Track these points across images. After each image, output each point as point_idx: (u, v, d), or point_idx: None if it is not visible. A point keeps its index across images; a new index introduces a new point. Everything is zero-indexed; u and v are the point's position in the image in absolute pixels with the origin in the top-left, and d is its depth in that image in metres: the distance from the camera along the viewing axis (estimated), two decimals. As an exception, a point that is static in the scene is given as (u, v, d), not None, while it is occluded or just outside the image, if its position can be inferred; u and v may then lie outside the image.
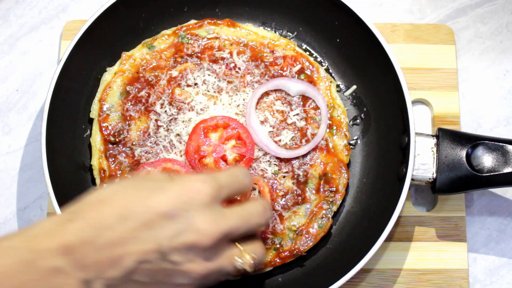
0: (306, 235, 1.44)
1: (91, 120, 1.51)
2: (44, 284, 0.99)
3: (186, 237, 1.03)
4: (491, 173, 1.38)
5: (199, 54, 1.53)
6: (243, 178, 1.16)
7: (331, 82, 1.54)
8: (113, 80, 1.51)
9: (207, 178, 1.08)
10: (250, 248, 1.14)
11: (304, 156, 1.47)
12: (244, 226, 1.11)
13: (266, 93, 1.51)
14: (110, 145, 1.47)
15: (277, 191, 1.46)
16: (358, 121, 1.56)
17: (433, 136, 1.43)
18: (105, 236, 1.01)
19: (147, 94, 1.50)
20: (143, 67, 1.52)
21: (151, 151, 1.47)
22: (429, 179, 1.41)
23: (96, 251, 1.00)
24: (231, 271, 1.12)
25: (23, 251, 0.99)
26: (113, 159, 1.47)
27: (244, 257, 1.12)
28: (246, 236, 1.14)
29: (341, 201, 1.48)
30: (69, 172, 1.47)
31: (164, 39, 1.54)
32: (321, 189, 1.46)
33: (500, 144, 1.39)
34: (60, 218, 1.04)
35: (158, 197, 1.04)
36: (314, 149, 1.48)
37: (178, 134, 1.48)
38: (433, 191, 1.42)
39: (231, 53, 1.53)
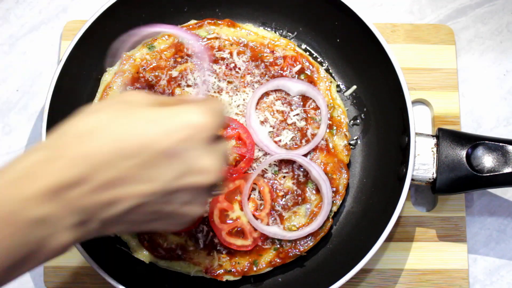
0: (306, 235, 1.44)
1: (91, 120, 1.51)
2: (31, 235, 0.86)
3: (192, 179, 0.95)
4: (491, 173, 1.38)
5: (199, 54, 1.53)
6: (222, 108, 1.04)
7: (331, 82, 1.54)
8: (113, 81, 1.51)
9: (205, 109, 0.97)
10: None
11: (304, 156, 1.47)
12: (227, 156, 1.06)
13: (266, 93, 1.51)
14: (110, 145, 1.47)
15: (277, 191, 1.46)
16: (358, 121, 1.56)
17: (433, 136, 1.43)
18: (101, 175, 0.88)
19: (147, 94, 1.50)
20: (143, 67, 1.52)
21: (151, 151, 1.47)
22: (429, 179, 1.41)
23: (90, 193, 0.89)
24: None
25: (3, 202, 0.84)
26: (113, 159, 1.47)
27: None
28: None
29: (341, 201, 1.48)
30: (69, 172, 1.47)
31: (164, 39, 1.54)
32: (321, 189, 1.47)
33: (500, 144, 1.39)
34: (42, 154, 0.88)
35: (156, 131, 0.92)
36: (314, 149, 1.48)
37: (178, 134, 1.48)
38: (433, 191, 1.42)
39: (231, 53, 1.53)
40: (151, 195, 0.94)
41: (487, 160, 1.39)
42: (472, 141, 1.40)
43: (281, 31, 1.60)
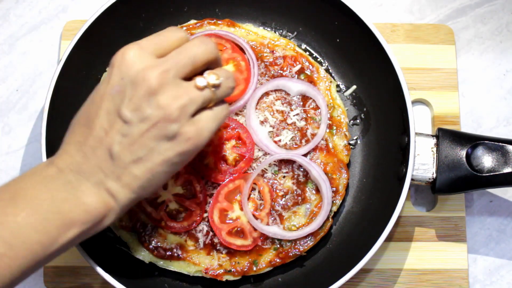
0: (306, 235, 1.44)
1: (91, 120, 1.51)
2: (67, 193, 1.10)
3: (134, 89, 1.09)
4: (491, 173, 1.38)
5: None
6: (194, 48, 1.14)
7: (331, 82, 1.54)
8: (113, 80, 1.50)
9: (154, 64, 1.11)
10: (213, 71, 1.15)
11: (304, 156, 1.47)
12: (185, 57, 1.12)
13: (266, 93, 1.51)
14: (110, 145, 1.47)
15: (277, 191, 1.46)
16: (358, 121, 1.56)
17: (433, 136, 1.43)
18: (85, 146, 1.12)
19: (147, 94, 1.50)
20: (143, 67, 1.51)
21: (151, 151, 1.47)
22: (429, 179, 1.41)
23: (87, 161, 1.12)
24: (207, 97, 1.13)
25: (43, 172, 1.12)
26: (113, 159, 1.47)
27: (207, 77, 1.13)
28: None
29: (341, 201, 1.48)
30: (69, 172, 1.47)
31: (164, 39, 1.54)
32: (321, 189, 1.46)
33: (500, 144, 1.39)
34: (54, 156, 1.16)
35: (101, 87, 1.14)
36: (314, 149, 1.48)
37: (178, 134, 1.48)
38: (433, 191, 1.42)
39: (231, 53, 1.53)
40: (112, 125, 1.11)
41: (487, 160, 1.39)
42: (472, 141, 1.40)
43: (281, 31, 1.60)
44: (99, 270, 1.35)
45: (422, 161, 1.41)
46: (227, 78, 1.16)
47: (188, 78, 1.13)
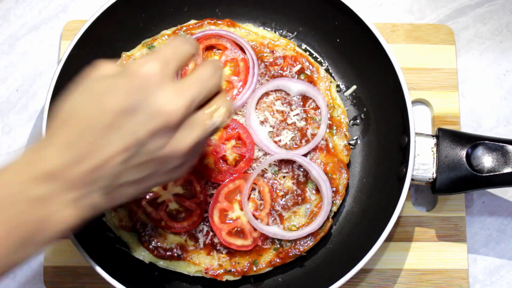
0: (306, 235, 1.44)
1: (91, 120, 1.51)
2: (32, 214, 0.99)
3: (155, 121, 1.03)
4: (491, 173, 1.38)
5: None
6: (184, 45, 1.11)
7: (331, 82, 1.54)
8: (113, 80, 1.50)
9: (149, 58, 1.06)
10: (217, 104, 1.12)
11: (304, 156, 1.47)
12: (203, 90, 1.09)
13: (266, 93, 1.51)
14: (110, 145, 1.47)
15: (277, 191, 1.46)
16: (358, 121, 1.56)
17: (433, 136, 1.43)
18: (80, 151, 1.01)
19: (147, 94, 1.50)
20: (143, 67, 1.52)
21: (151, 151, 1.47)
22: (429, 179, 1.41)
23: (77, 169, 1.01)
24: (212, 131, 1.12)
25: (4, 186, 0.99)
26: (113, 159, 1.47)
27: (217, 114, 1.11)
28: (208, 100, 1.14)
29: (341, 201, 1.48)
30: (69, 172, 1.47)
31: (164, 39, 1.54)
32: (321, 189, 1.47)
33: (500, 144, 1.39)
34: (34, 147, 1.04)
35: (112, 97, 1.03)
36: (314, 149, 1.48)
37: (178, 134, 1.48)
38: (433, 191, 1.42)
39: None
40: (126, 150, 1.02)
41: (487, 160, 1.39)
42: (472, 141, 1.40)
43: (281, 31, 1.60)
44: (99, 270, 1.35)
45: (422, 161, 1.41)
46: (230, 111, 1.15)
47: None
